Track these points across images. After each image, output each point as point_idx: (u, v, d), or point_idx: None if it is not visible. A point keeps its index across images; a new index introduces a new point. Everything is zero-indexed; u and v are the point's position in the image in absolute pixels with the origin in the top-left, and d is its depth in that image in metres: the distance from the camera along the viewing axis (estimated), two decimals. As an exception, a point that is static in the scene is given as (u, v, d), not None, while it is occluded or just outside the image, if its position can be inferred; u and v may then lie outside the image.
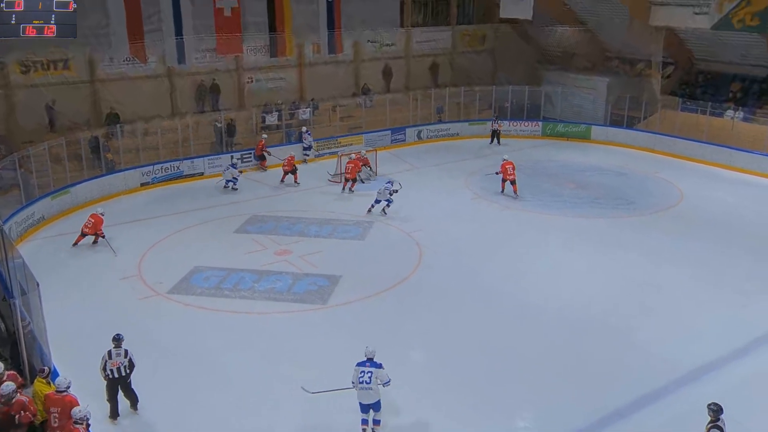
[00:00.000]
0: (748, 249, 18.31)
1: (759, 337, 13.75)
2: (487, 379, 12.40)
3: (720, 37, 29.04)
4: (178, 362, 12.85)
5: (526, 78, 34.15)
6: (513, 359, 12.98)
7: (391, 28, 32.56)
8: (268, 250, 18.25)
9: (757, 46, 28.34)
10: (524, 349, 13.36)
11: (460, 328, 14.24)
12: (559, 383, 12.26)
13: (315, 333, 14.03)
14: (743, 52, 29.21)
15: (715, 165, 26.61)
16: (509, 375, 12.51)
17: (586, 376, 12.46)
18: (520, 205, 22.00)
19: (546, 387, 12.15)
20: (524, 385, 12.22)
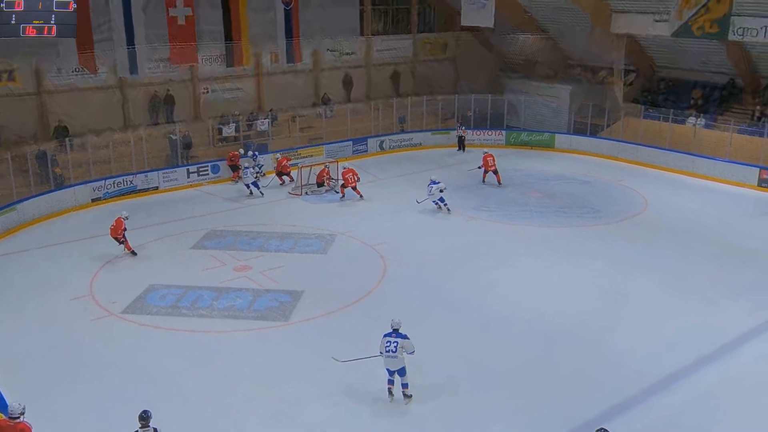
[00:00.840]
0: (711, 256, 18.73)
1: (726, 344, 14.04)
2: (456, 394, 12.42)
3: (680, 44, 29.80)
4: (133, 385, 12.59)
5: (489, 86, 34.56)
6: (482, 373, 13.03)
7: (351, 37, 32.67)
8: (227, 266, 18.06)
9: (716, 53, 29.15)
10: (493, 362, 13.42)
11: (427, 342, 14.15)
12: (529, 395, 12.34)
13: (277, 351, 13.90)
14: (703, 59, 30.02)
15: (678, 172, 27.23)
16: (479, 389, 12.55)
17: (556, 388, 12.56)
18: (485, 216, 22.19)
19: (516, 400, 12.22)
20: (494, 399, 12.26)
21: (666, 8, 27.29)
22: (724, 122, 27.91)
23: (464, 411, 11.95)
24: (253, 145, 27.13)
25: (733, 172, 25.98)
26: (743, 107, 29.30)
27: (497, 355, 13.69)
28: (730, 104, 29.85)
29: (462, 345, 14.11)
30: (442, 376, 12.98)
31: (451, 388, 12.59)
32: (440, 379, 12.87)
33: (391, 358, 11.89)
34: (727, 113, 29.14)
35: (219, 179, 25.98)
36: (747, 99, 29.66)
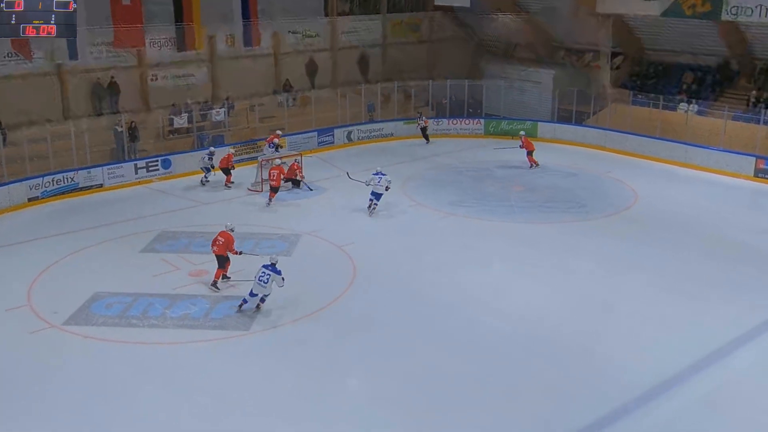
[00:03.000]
0: (705, 252, 19.11)
1: (721, 348, 14.33)
2: (433, 405, 12.50)
3: (671, 25, 30.29)
4: (79, 402, 12.48)
5: (466, 71, 34.71)
6: (461, 382, 13.12)
7: (315, 18, 32.64)
8: (181, 270, 17.97)
9: (709, 34, 29.67)
10: (473, 370, 13.53)
11: (402, 350, 14.33)
12: (513, 406, 12.47)
13: (237, 364, 13.87)
14: (695, 40, 30.53)
15: (670, 162, 27.69)
16: (458, 399, 12.65)
17: (541, 398, 12.71)
18: (463, 212, 22.35)
19: (498, 411, 12.34)
20: (474, 410, 12.37)
21: (656, -14, 27.72)
22: (717, 108, 28.43)
23: (443, 424, 12.05)
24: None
25: (728, 162, 26.49)
26: (738, 92, 29.88)
27: (478, 362, 13.80)
28: (724, 89, 30.42)
29: (439, 352, 14.19)
30: (418, 385, 13.05)
31: (428, 397, 12.67)
32: (417, 388, 12.94)
33: (261, 286, 15.25)
34: (721, 99, 29.70)
35: (170, 175, 25.79)
36: (742, 83, 30.25)
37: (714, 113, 28.41)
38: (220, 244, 16.76)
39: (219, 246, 16.78)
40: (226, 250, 16.81)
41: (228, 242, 16.79)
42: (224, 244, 16.77)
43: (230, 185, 24.72)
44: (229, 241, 16.81)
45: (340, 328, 15.19)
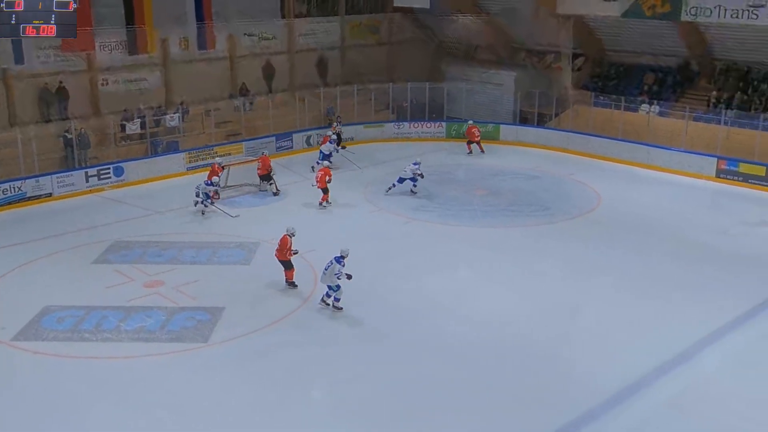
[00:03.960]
0: (669, 254, 19.43)
1: (687, 350, 14.56)
2: (398, 415, 12.50)
3: (631, 26, 30.82)
4: (29, 421, 12.26)
5: (426, 74, 34.84)
6: (427, 390, 13.14)
7: (272, 20, 32.51)
8: (136, 282, 17.73)
9: (669, 35, 30.27)
10: (440, 377, 13.55)
11: (366, 359, 14.30)
12: (479, 412, 12.52)
13: (196, 377, 13.72)
14: (655, 41, 31.11)
15: (632, 164, 28.12)
16: (423, 408, 12.66)
17: (508, 403, 12.80)
18: (425, 217, 22.41)
19: (464, 418, 12.38)
20: (440, 418, 12.40)
21: (615, -14, 28.18)
22: (679, 109, 28.99)
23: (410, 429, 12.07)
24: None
25: (690, 163, 26.99)
26: (698, 93, 30.54)
27: (444, 369, 13.83)
28: (685, 90, 31.05)
29: (404, 360, 14.20)
30: (382, 394, 13.04)
31: (393, 407, 12.66)
32: (381, 398, 12.92)
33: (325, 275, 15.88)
34: (682, 99, 30.31)
35: (123, 183, 25.44)
36: (702, 84, 30.89)
37: (675, 114, 28.95)
38: (277, 248, 17.26)
39: (277, 251, 17.25)
40: (282, 253, 17.11)
41: (281, 246, 17.17)
42: (279, 248, 17.22)
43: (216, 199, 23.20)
44: (282, 244, 17.15)
45: (301, 339, 15.11)
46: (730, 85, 29.75)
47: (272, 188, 24.37)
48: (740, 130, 27.09)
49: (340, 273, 15.57)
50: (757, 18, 26.00)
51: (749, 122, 27.07)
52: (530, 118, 32.37)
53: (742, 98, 28.87)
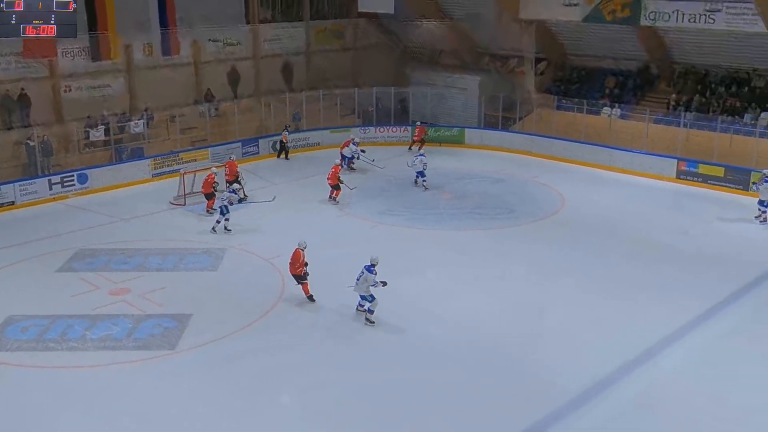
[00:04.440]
0: (632, 255, 19.68)
1: (650, 349, 14.75)
2: (369, 417, 12.50)
3: (592, 30, 31.20)
4: (-7, 435, 12.04)
5: (392, 78, 34.90)
6: (397, 392, 13.17)
7: (236, 25, 32.35)
8: (101, 289, 17.50)
9: (629, 39, 30.72)
10: (409, 379, 13.58)
11: (334, 364, 14.28)
12: (449, 413, 12.57)
13: (163, 384, 13.59)
14: (616, 45, 31.54)
15: (595, 166, 28.44)
16: (393, 410, 12.68)
17: (478, 402, 12.86)
18: (393, 221, 22.45)
19: (435, 418, 12.42)
20: (410, 419, 12.44)
21: (576, -8, 28.52)
22: (639, 112, 29.44)
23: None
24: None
25: (651, 165, 27.36)
26: (658, 95, 31.01)
27: (414, 372, 13.86)
28: (645, 93, 31.52)
29: (374, 364, 14.23)
30: (352, 398, 13.03)
31: (364, 410, 12.66)
32: (351, 402, 12.92)
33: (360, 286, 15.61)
34: (643, 102, 30.75)
35: (87, 190, 25.10)
36: (662, 87, 31.39)
37: (636, 117, 29.38)
38: (290, 263, 16.67)
39: (290, 265, 16.69)
40: (295, 267, 16.60)
41: (294, 260, 16.61)
42: (291, 262, 16.64)
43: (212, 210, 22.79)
44: (294, 258, 16.60)
45: (269, 344, 15.03)
46: (689, 88, 30.26)
47: (240, 194, 24.19)
48: (699, 132, 27.55)
49: (376, 283, 15.33)
50: (714, 22, 26.50)
51: (708, 124, 27.56)
52: (494, 122, 32.60)
53: (701, 101, 29.38)
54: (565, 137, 29.90)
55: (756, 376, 13.78)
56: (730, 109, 28.54)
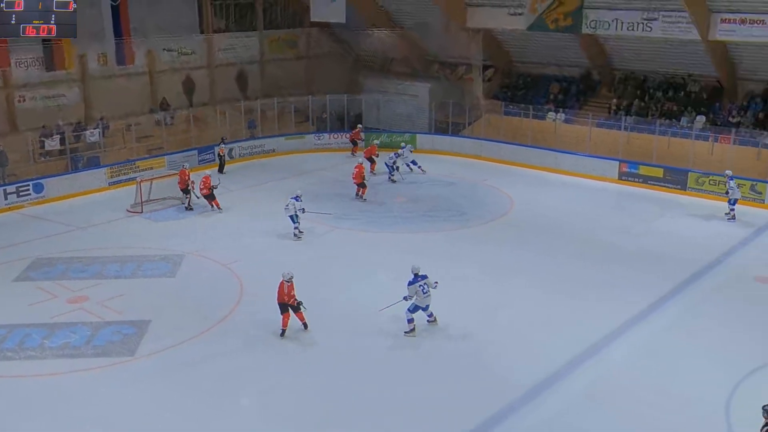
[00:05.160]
0: (578, 254, 19.98)
1: (596, 343, 14.99)
2: (327, 417, 12.47)
3: (536, 38, 31.64)
4: (-50, 446, 11.70)
5: (345, 86, 34.92)
6: (355, 394, 13.16)
7: (191, 35, 32.02)
8: (59, 298, 17.14)
9: (571, 47, 31.20)
10: (367, 380, 13.59)
11: (292, 367, 14.21)
12: (406, 410, 12.62)
13: (124, 390, 13.36)
14: (559, 53, 32.02)
15: (542, 169, 28.80)
16: (352, 410, 12.68)
17: (434, 400, 12.91)
18: (348, 224, 22.43)
19: (392, 415, 12.47)
20: (368, 418, 12.46)
21: (520, 2, 28.87)
22: (582, 116, 29.90)
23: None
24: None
25: (594, 167, 27.81)
26: (600, 100, 31.56)
27: (371, 372, 13.88)
28: (588, 98, 32.06)
29: (331, 366, 14.18)
30: (310, 400, 12.99)
31: (321, 411, 12.63)
32: (311, 408, 12.87)
33: (427, 296, 15.02)
34: (585, 107, 31.26)
35: (43, 199, 24.55)
36: (603, 92, 31.96)
37: (579, 121, 29.84)
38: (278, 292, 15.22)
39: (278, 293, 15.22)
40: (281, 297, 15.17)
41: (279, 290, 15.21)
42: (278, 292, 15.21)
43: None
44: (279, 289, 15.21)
45: (228, 349, 14.88)
46: (629, 93, 30.85)
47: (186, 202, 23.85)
48: (639, 134, 28.11)
49: (425, 287, 15.08)
50: (651, 30, 27.08)
51: (647, 127, 28.15)
52: (445, 127, 32.83)
53: (640, 105, 29.98)
54: (513, 141, 30.24)
55: (695, 368, 14.09)
56: (667, 112, 29.18)
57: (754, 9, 24.94)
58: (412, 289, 15.01)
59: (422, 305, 15.18)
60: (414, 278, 15.07)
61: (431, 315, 15.51)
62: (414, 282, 15.03)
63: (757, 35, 25.20)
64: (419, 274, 15.09)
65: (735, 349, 14.74)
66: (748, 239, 21.40)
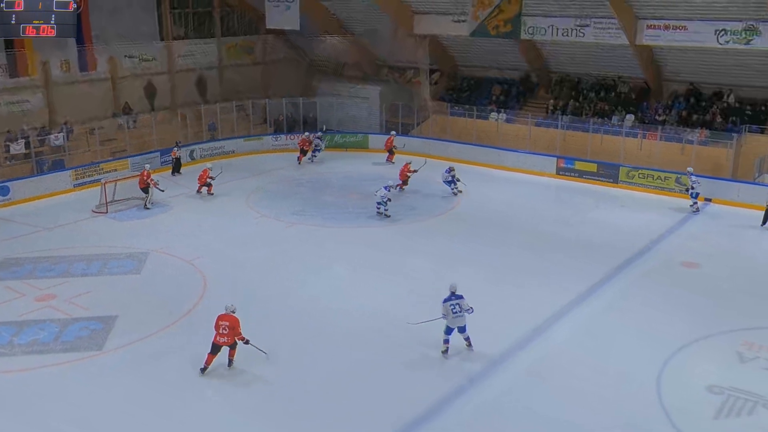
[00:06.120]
0: (523, 244, 20.24)
1: (539, 326, 15.19)
2: (289, 405, 12.40)
3: (479, 44, 31.87)
4: None
5: (300, 90, 34.81)
6: (316, 382, 13.09)
7: (151, 42, 31.44)
8: (27, 296, 16.69)
9: (511, 51, 31.49)
10: (326, 369, 13.54)
11: (253, 358, 14.06)
12: (363, 397, 12.62)
13: (93, 384, 13.09)
14: (500, 57, 32.30)
15: (486, 165, 29.01)
16: (313, 399, 12.62)
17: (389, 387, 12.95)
18: (305, 221, 22.31)
19: (350, 402, 12.46)
20: (328, 405, 12.41)
21: (463, 9, 29.05)
22: (522, 116, 30.25)
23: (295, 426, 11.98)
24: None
25: (534, 163, 28.15)
26: (538, 101, 31.93)
27: (330, 362, 13.82)
28: (527, 99, 32.39)
29: (293, 356, 14.08)
30: (273, 388, 12.92)
31: (285, 399, 12.56)
32: (273, 391, 12.79)
33: (458, 317, 13.67)
34: (525, 107, 31.61)
35: (9, 202, 23.81)
36: (541, 93, 32.34)
37: (520, 120, 30.17)
38: (225, 332, 13.15)
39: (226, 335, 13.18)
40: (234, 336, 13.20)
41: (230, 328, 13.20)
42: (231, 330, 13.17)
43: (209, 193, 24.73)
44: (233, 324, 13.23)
45: (192, 341, 14.64)
46: (564, 94, 31.27)
47: (145, 202, 23.45)
48: (574, 132, 28.53)
49: (470, 309, 13.77)
50: (584, 36, 27.53)
51: (581, 126, 28.58)
52: (395, 128, 32.80)
53: (575, 105, 30.42)
54: (459, 140, 30.41)
55: (628, 346, 14.38)
56: (599, 112, 29.67)
57: (677, 16, 25.52)
58: (445, 307, 13.79)
59: (452, 326, 13.82)
60: (449, 296, 13.88)
61: (468, 339, 14.05)
62: (448, 300, 13.81)
63: (680, 40, 25.83)
64: (455, 293, 13.88)
65: (663, 329, 15.09)
66: (674, 228, 21.91)
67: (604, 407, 12.30)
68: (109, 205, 23.15)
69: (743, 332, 14.95)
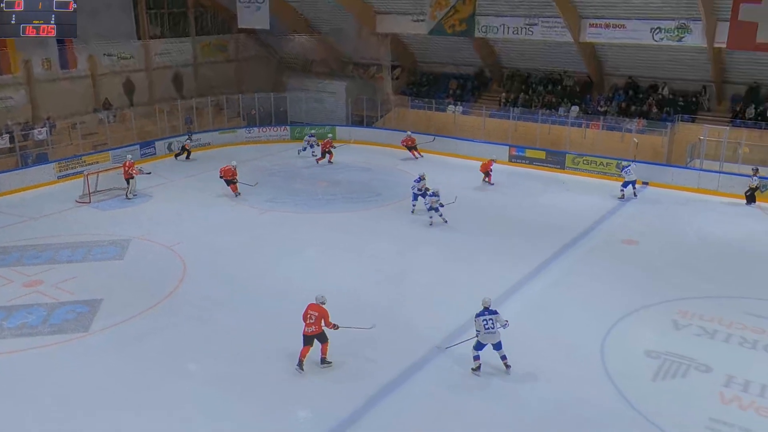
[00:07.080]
0: (479, 226, 20.41)
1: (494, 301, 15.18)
2: (266, 382, 12.35)
3: (436, 42, 31.81)
4: None
5: (271, 85, 34.55)
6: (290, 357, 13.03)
7: (129, 41, 30.81)
8: (15, 283, 16.32)
9: (466, 49, 31.52)
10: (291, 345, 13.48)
11: (236, 335, 13.99)
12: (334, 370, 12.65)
13: (79, 364, 12.88)
14: (456, 54, 32.30)
15: (445, 154, 29.09)
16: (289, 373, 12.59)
17: (356, 359, 12.97)
18: (278, 207, 22.16)
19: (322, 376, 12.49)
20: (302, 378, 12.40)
21: (422, 10, 28.97)
22: (477, 108, 30.33)
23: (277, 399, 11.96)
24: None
25: (488, 151, 28.17)
26: (492, 94, 32.03)
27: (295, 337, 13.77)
28: (481, 93, 32.48)
29: (269, 334, 14.02)
30: (252, 363, 12.85)
31: (262, 374, 12.51)
32: (251, 366, 12.72)
33: (490, 333, 12.31)
34: (480, 100, 31.69)
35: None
36: (494, 87, 32.45)
37: (475, 112, 30.24)
38: (312, 321, 12.53)
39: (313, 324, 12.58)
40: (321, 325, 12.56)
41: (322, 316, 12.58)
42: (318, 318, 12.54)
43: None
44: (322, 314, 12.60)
45: (174, 322, 14.52)
46: (515, 87, 31.42)
47: (126, 192, 23.04)
48: (524, 123, 28.70)
49: (505, 323, 12.42)
50: (533, 34, 27.64)
51: (531, 117, 28.76)
52: (360, 120, 32.76)
53: (525, 98, 30.58)
54: (419, 131, 30.40)
55: (576, 318, 14.60)
56: (547, 104, 29.88)
57: (617, 15, 25.77)
58: (477, 322, 12.38)
59: (484, 342, 12.38)
60: (482, 311, 12.43)
61: (504, 358, 12.49)
62: (481, 315, 12.38)
63: (619, 37, 26.09)
64: (488, 308, 12.43)
65: (606, 301, 15.36)
66: (615, 209, 22.24)
67: (556, 377, 12.44)
68: (91, 195, 22.70)
69: (678, 302, 15.28)
